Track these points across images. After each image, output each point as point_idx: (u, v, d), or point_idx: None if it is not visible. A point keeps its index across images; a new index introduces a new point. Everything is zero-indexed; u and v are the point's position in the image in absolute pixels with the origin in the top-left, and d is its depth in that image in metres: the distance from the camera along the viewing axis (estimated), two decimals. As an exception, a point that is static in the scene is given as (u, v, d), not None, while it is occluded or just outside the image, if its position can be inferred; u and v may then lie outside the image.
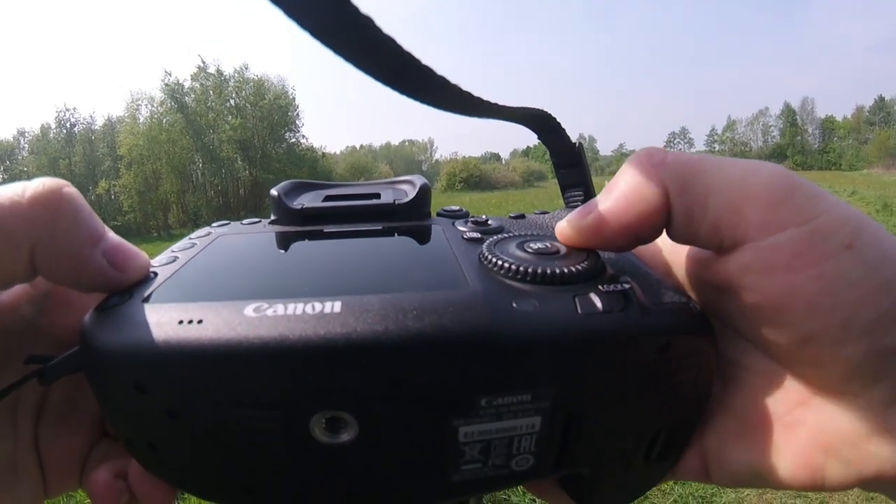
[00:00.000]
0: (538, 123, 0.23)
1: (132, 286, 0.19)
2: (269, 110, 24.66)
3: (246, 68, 25.11)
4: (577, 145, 0.24)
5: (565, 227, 0.21)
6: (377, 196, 0.29)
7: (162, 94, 23.35)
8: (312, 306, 0.16)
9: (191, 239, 0.25)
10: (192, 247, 0.24)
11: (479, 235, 0.23)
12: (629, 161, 0.19)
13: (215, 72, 24.57)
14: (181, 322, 0.15)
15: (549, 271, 0.18)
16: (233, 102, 24.78)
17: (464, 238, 0.23)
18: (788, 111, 50.94)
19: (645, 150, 0.19)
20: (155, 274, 0.20)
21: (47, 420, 0.21)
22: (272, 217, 0.28)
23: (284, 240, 0.25)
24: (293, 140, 25.87)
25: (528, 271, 0.18)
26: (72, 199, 0.18)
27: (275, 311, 0.15)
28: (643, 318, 0.17)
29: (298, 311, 0.15)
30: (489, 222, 0.25)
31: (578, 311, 0.16)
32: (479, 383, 0.16)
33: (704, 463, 0.20)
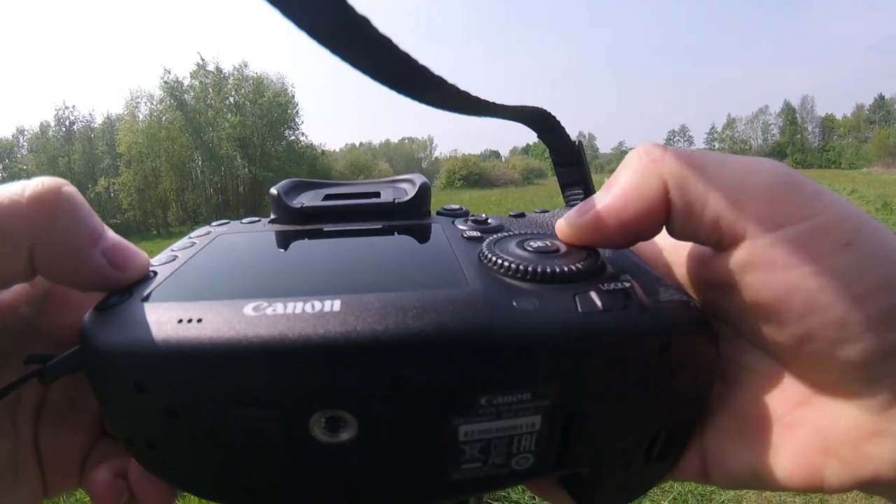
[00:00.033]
0: (538, 122, 0.23)
1: (132, 285, 0.19)
2: (269, 108, 24.62)
3: (245, 66, 25.10)
4: (576, 144, 0.24)
5: (564, 225, 0.21)
6: (377, 195, 0.29)
7: (161, 92, 23.36)
8: (312, 305, 0.16)
9: (190, 238, 0.25)
10: (192, 246, 0.24)
11: (478, 234, 0.23)
12: (629, 157, 0.19)
13: (214, 69, 24.55)
14: (180, 321, 0.15)
15: (549, 270, 0.18)
16: (232, 100, 24.74)
17: (464, 237, 0.23)
18: (788, 109, 50.90)
19: (644, 147, 0.19)
20: (154, 273, 0.20)
21: (47, 419, 0.21)
22: (272, 216, 0.28)
23: (284, 239, 0.25)
24: (292, 138, 25.86)
25: (528, 270, 0.18)
26: (71, 198, 0.18)
27: (274, 310, 0.15)
28: (643, 317, 0.17)
29: (298, 310, 0.15)
30: (489, 221, 0.25)
31: (579, 309, 0.16)
32: (479, 382, 0.16)
33: (704, 463, 0.20)
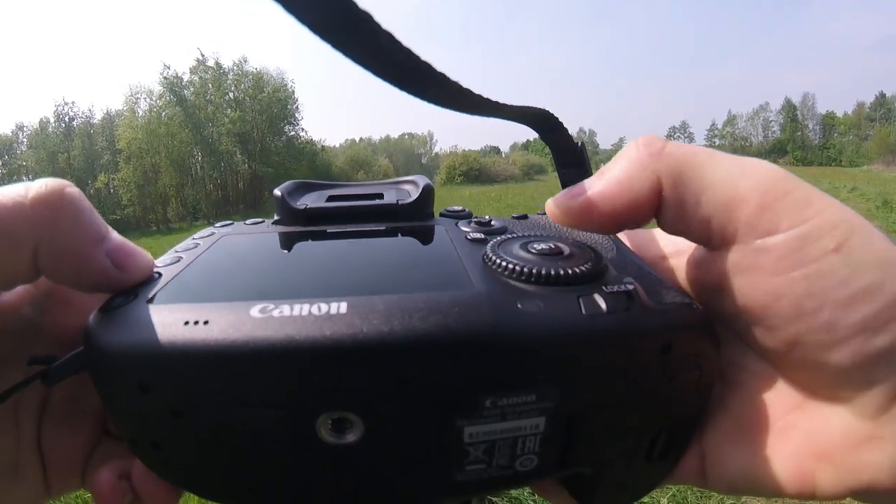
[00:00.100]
0: (540, 122, 0.23)
1: (136, 286, 0.19)
2: (268, 103, 24.57)
3: (245, 61, 25.04)
4: (579, 144, 0.24)
5: (553, 206, 0.21)
6: (380, 196, 0.29)
7: (161, 88, 23.28)
8: (318, 307, 0.16)
9: (194, 239, 0.25)
10: (196, 247, 0.24)
11: (482, 236, 0.23)
12: (628, 147, 0.19)
13: (214, 65, 24.47)
14: (187, 323, 0.16)
15: (553, 272, 0.18)
16: (232, 95, 24.69)
17: (467, 239, 0.23)
18: (789, 107, 50.80)
19: (644, 139, 0.19)
20: (159, 274, 0.20)
21: (49, 419, 0.21)
22: (276, 217, 0.28)
23: (288, 240, 0.25)
24: (292, 133, 25.82)
25: (533, 272, 0.18)
26: (74, 199, 0.18)
27: (281, 312, 0.15)
28: (646, 319, 0.17)
29: (304, 312, 0.15)
30: (492, 223, 0.25)
31: (583, 311, 0.16)
32: (485, 383, 0.16)
33: (703, 466, 0.20)
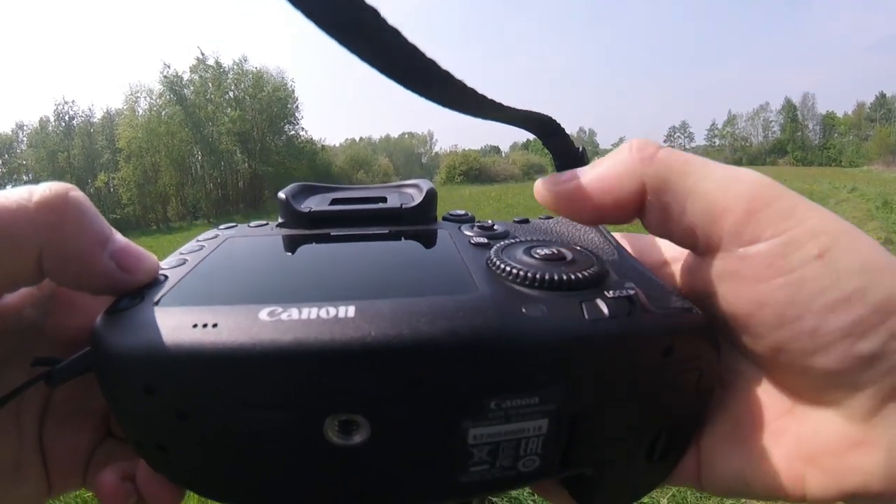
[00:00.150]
0: (541, 128, 0.23)
1: (143, 289, 0.19)
2: (268, 102, 24.57)
3: (245, 60, 25.03)
4: (580, 150, 0.24)
5: (541, 187, 0.21)
6: (384, 200, 0.29)
7: (161, 87, 23.30)
8: (327, 311, 0.16)
9: (199, 241, 0.25)
10: (201, 249, 0.24)
11: (485, 241, 0.23)
12: (622, 147, 0.20)
13: (214, 64, 24.47)
14: (195, 325, 0.16)
15: (556, 277, 0.18)
16: (232, 94, 24.69)
17: (471, 243, 0.23)
18: (789, 107, 50.79)
19: (639, 141, 0.19)
20: (165, 277, 0.20)
21: (52, 420, 0.21)
22: (279, 220, 0.28)
23: (293, 243, 0.25)
24: (292, 132, 25.82)
25: (537, 277, 0.18)
26: (78, 202, 0.18)
27: (290, 316, 0.16)
28: (648, 323, 0.17)
29: (313, 316, 0.16)
30: (495, 227, 0.26)
31: (586, 316, 0.17)
32: (490, 386, 0.16)
33: (699, 467, 0.20)
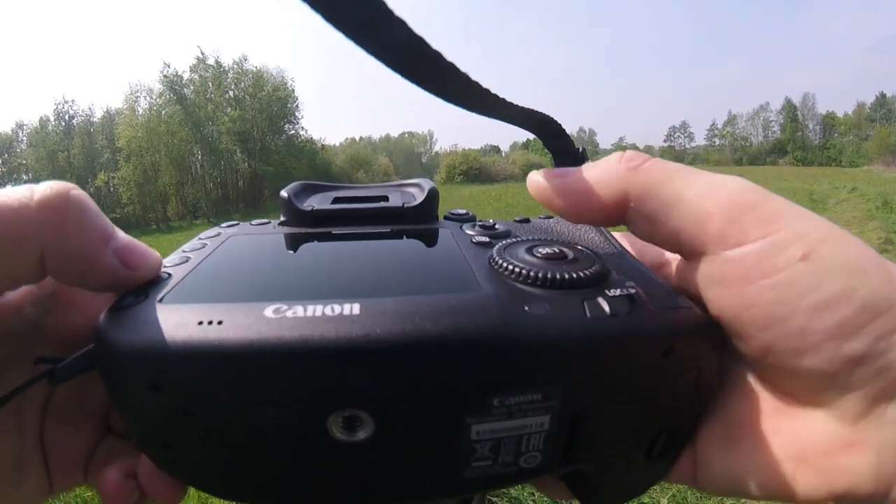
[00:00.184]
0: (542, 128, 0.23)
1: (146, 286, 0.19)
2: (268, 102, 24.57)
3: (245, 60, 25.04)
4: (580, 150, 0.24)
5: (536, 178, 0.22)
6: (385, 199, 0.29)
7: (161, 86, 23.29)
8: (332, 308, 0.16)
9: (201, 239, 0.25)
10: (204, 247, 0.24)
11: (487, 240, 0.23)
12: (615, 154, 0.20)
13: (214, 63, 24.47)
14: (200, 323, 0.16)
15: (558, 276, 0.18)
16: (232, 94, 24.69)
17: (473, 242, 0.23)
18: (789, 107, 50.79)
19: (629, 153, 0.20)
20: (168, 274, 0.20)
21: (52, 418, 0.21)
22: (281, 218, 0.28)
23: (296, 241, 0.25)
24: (292, 132, 25.82)
25: (539, 276, 0.18)
26: (80, 200, 0.18)
27: (295, 313, 0.16)
28: (648, 322, 0.17)
29: (318, 313, 0.16)
30: (497, 226, 0.26)
31: (587, 314, 0.17)
32: (493, 383, 0.16)
33: (695, 465, 0.20)
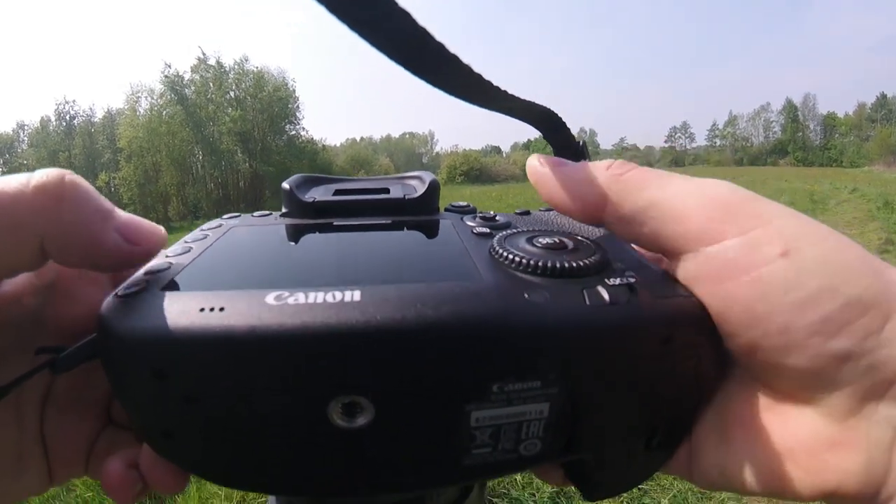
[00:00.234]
0: (543, 121, 0.24)
1: (147, 275, 0.19)
2: (269, 102, 24.55)
3: (246, 60, 25.01)
4: (580, 143, 0.25)
5: (535, 162, 0.22)
6: (387, 191, 0.30)
7: (162, 86, 23.25)
8: (333, 295, 0.16)
9: (203, 230, 0.25)
10: (205, 238, 0.24)
11: (488, 230, 0.24)
12: (609, 161, 0.21)
13: (215, 64, 24.46)
14: (202, 310, 0.16)
15: (558, 265, 0.18)
16: (233, 94, 24.66)
17: (473, 233, 0.24)
18: (790, 107, 50.76)
19: (618, 162, 0.21)
20: (170, 264, 0.20)
21: (53, 409, 0.21)
22: (283, 210, 0.28)
23: (298, 231, 0.25)
24: (293, 132, 25.76)
25: (539, 265, 0.18)
26: (75, 184, 0.18)
27: (296, 300, 0.16)
28: (648, 310, 0.17)
29: (319, 300, 0.16)
30: (497, 218, 0.26)
31: (587, 302, 0.17)
32: (492, 370, 0.16)
33: (690, 459, 0.20)
